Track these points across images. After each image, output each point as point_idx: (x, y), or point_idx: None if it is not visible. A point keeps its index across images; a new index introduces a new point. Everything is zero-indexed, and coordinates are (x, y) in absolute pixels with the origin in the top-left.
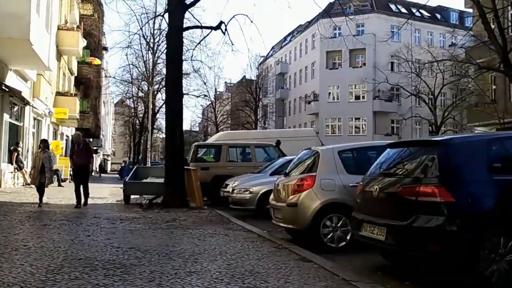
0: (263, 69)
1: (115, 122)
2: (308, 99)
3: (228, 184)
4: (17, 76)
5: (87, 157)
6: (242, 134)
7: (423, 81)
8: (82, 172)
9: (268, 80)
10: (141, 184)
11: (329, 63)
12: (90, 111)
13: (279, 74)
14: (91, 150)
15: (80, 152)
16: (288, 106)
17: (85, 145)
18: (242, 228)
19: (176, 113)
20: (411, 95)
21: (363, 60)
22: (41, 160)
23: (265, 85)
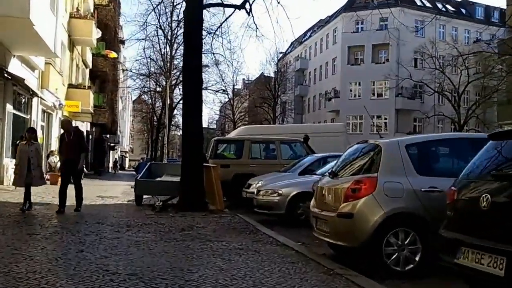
0: (282, 65)
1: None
2: (329, 96)
3: (252, 184)
4: (22, 64)
5: (78, 150)
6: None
7: (447, 78)
8: (72, 168)
9: (287, 76)
10: (154, 183)
11: (351, 59)
12: (106, 106)
13: (298, 70)
14: (84, 143)
15: (71, 143)
16: (307, 103)
17: (77, 135)
18: (273, 241)
19: (194, 103)
20: (434, 93)
21: (386, 56)
22: (27, 154)
23: (284, 82)
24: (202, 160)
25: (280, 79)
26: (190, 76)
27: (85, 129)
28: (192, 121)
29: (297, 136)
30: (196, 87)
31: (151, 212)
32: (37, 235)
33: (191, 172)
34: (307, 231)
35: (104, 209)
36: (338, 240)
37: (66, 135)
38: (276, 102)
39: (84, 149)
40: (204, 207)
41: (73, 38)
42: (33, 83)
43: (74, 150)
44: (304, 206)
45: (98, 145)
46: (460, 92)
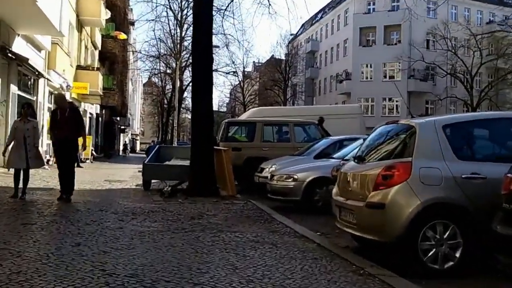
0: (292, 47)
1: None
2: (340, 78)
3: (264, 168)
4: (27, 44)
5: (74, 128)
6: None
7: (460, 59)
8: (65, 150)
9: (297, 58)
10: (162, 167)
11: (362, 40)
12: (115, 88)
13: (309, 52)
14: (82, 121)
15: (66, 121)
16: (318, 86)
17: (73, 112)
18: (291, 231)
19: (204, 82)
20: (447, 75)
21: (398, 37)
22: (23, 133)
23: (294, 64)
24: (212, 143)
25: (290, 61)
26: (200, 53)
27: (94, 112)
28: (202, 101)
29: (311, 118)
30: (206, 65)
31: (159, 198)
32: (32, 225)
33: (201, 156)
34: (325, 219)
35: (110, 194)
36: (367, 234)
37: (59, 112)
38: (287, 85)
39: (82, 128)
40: (215, 192)
41: (81, 18)
42: (39, 64)
43: (69, 128)
44: (322, 192)
45: (108, 127)
46: (472, 74)
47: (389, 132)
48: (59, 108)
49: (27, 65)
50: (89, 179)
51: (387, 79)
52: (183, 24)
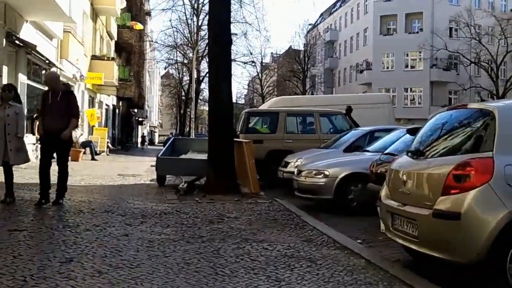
0: (311, 37)
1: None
2: (360, 68)
3: (289, 162)
4: (37, 31)
5: (66, 115)
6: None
7: (484, 48)
8: (58, 145)
9: (316, 49)
10: (177, 161)
11: (383, 29)
12: (132, 79)
13: (328, 42)
14: (76, 107)
15: (57, 106)
16: (337, 76)
17: (66, 95)
18: (329, 241)
19: (222, 64)
20: (471, 64)
21: (419, 25)
22: (2, 121)
23: (313, 54)
24: (232, 134)
25: (309, 52)
26: (217, 31)
27: (111, 103)
28: (220, 86)
29: (336, 108)
30: (224, 45)
31: (174, 196)
32: (20, 232)
33: (220, 149)
34: (359, 220)
35: (120, 191)
36: (433, 251)
37: (50, 95)
38: (306, 76)
39: (74, 115)
40: (235, 189)
41: (96, 7)
42: (50, 53)
43: (61, 116)
44: (356, 190)
45: (125, 119)
46: (498, 62)
47: (454, 119)
48: (51, 90)
49: (36, 53)
50: (102, 173)
51: (409, 69)
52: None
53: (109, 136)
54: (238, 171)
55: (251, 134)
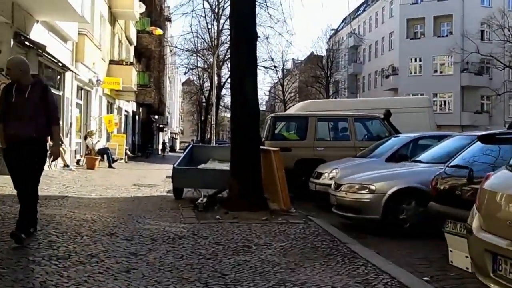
0: (334, 42)
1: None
2: (386, 73)
3: (322, 172)
4: (50, 32)
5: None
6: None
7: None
8: (26, 157)
9: (339, 54)
10: (195, 171)
11: (410, 33)
12: (152, 85)
13: (351, 47)
14: (54, 106)
15: (24, 105)
16: (362, 82)
17: (36, 90)
18: (393, 284)
19: (247, 58)
20: (505, 67)
21: (449, 28)
22: None
23: (336, 60)
24: (259, 140)
25: (332, 57)
26: (240, 20)
27: (130, 109)
28: (244, 85)
29: (370, 112)
30: (248, 36)
31: (192, 213)
32: None
33: (244, 158)
34: (413, 244)
35: (132, 205)
36: None
37: (15, 90)
38: (329, 81)
39: (54, 119)
40: (262, 205)
41: (114, 10)
42: (65, 56)
43: (30, 118)
44: (410, 209)
45: (146, 126)
46: None
47: None
48: (15, 82)
49: (48, 56)
50: (117, 183)
51: (438, 73)
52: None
53: (129, 143)
54: (265, 183)
55: (278, 141)
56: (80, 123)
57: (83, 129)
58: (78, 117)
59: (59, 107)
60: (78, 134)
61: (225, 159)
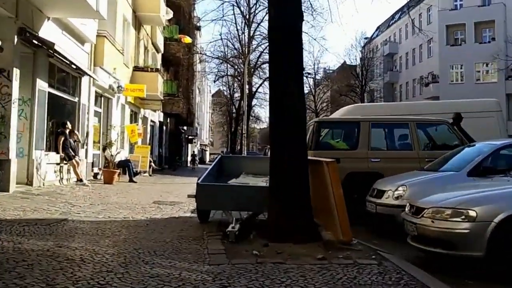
0: (368, 50)
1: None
2: (425, 81)
3: (384, 190)
4: (63, 32)
5: None
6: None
7: None
8: None
9: (374, 62)
10: (225, 189)
11: (450, 39)
12: (180, 94)
13: (387, 55)
14: None
15: None
16: (399, 90)
17: None
18: None
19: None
20: None
21: (491, 34)
22: None
23: (371, 68)
24: (306, 150)
25: (367, 65)
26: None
27: (157, 119)
28: (288, 77)
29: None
30: (291, 24)
31: (220, 245)
32: None
33: (288, 171)
34: None
35: (143, 233)
36: None
37: None
38: (364, 90)
39: None
40: (313, 235)
41: (139, 14)
42: (82, 58)
43: None
44: None
45: (174, 137)
46: None
47: None
48: None
49: (60, 56)
50: (134, 201)
51: (481, 81)
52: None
53: (155, 155)
54: (315, 205)
55: (324, 151)
56: (99, 133)
57: (102, 139)
58: (96, 126)
59: (74, 114)
60: (96, 145)
61: (260, 172)
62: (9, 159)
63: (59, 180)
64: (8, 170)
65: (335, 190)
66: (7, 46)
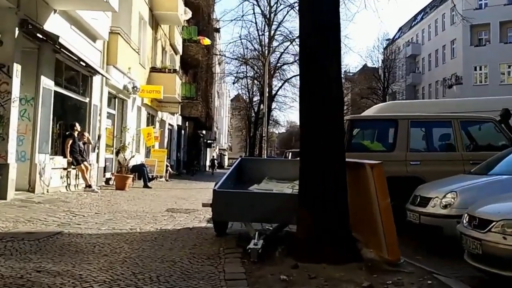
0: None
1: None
2: (449, 82)
3: (429, 198)
4: (72, 26)
5: None
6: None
7: None
8: None
9: (396, 64)
10: (246, 197)
11: (474, 39)
12: (199, 97)
13: (409, 57)
14: None
15: None
16: (421, 92)
17: None
18: None
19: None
20: None
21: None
22: None
23: (393, 69)
24: (344, 151)
25: (389, 67)
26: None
27: (175, 123)
28: (323, 66)
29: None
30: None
31: (240, 266)
32: None
33: (323, 176)
34: None
35: (148, 250)
36: None
37: None
38: (386, 92)
39: None
40: (352, 253)
41: (156, 13)
42: (94, 56)
43: None
44: None
45: (192, 141)
46: None
47: None
48: None
49: (67, 52)
50: (145, 209)
51: (506, 82)
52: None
53: (173, 159)
54: (353, 216)
55: (357, 153)
56: (112, 136)
57: (115, 143)
58: (110, 129)
59: (84, 116)
60: (109, 149)
61: (285, 177)
62: (7, 163)
63: (66, 187)
64: (6, 175)
65: (381, 200)
66: (7, 39)
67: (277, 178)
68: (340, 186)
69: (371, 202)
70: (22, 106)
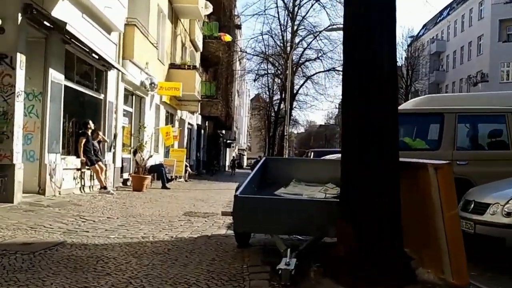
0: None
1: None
2: (474, 80)
3: (485, 204)
4: (84, 15)
5: None
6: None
7: None
8: None
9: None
10: (274, 204)
11: (502, 35)
12: (219, 96)
13: (433, 54)
14: None
15: None
16: (445, 91)
17: None
18: None
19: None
20: None
21: None
22: None
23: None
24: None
25: (413, 64)
26: None
27: (195, 122)
28: (380, 45)
29: None
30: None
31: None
32: None
33: (372, 179)
34: None
35: (159, 266)
36: None
37: None
38: (409, 91)
39: None
40: (406, 274)
41: (175, 6)
42: (108, 49)
43: None
44: None
45: (212, 141)
46: None
47: None
48: None
49: (77, 42)
50: (161, 212)
51: None
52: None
53: (193, 159)
54: (405, 228)
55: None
56: (130, 135)
57: (133, 142)
58: (127, 128)
59: (99, 113)
60: (126, 149)
61: (316, 179)
62: (13, 164)
63: (80, 188)
64: (12, 176)
65: (446, 210)
66: (9, 26)
67: (308, 181)
68: (393, 192)
69: (432, 212)
70: (29, 102)
